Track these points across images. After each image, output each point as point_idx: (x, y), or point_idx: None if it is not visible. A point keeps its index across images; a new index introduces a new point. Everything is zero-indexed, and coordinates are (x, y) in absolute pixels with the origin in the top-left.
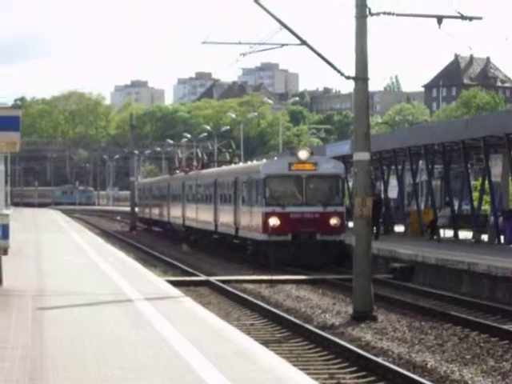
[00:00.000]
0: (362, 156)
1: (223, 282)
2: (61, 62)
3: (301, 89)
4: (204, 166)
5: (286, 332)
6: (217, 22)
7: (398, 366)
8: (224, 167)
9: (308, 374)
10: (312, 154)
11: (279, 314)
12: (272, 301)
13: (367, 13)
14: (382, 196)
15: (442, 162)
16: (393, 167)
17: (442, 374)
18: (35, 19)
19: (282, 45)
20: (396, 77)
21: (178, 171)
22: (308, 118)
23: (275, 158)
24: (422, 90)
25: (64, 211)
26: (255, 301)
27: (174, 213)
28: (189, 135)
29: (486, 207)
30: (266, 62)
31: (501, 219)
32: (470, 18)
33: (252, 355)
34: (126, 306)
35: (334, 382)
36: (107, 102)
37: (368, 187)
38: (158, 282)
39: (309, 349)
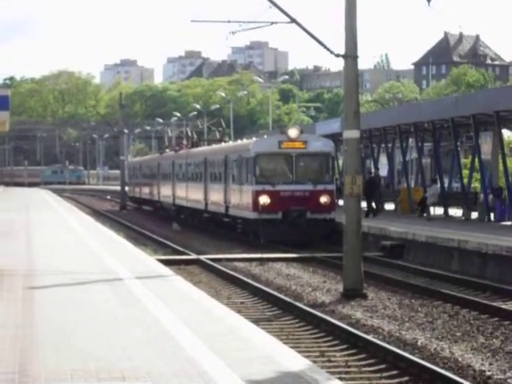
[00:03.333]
0: (352, 134)
1: (213, 260)
2: (50, 41)
3: (290, 67)
4: (194, 145)
5: (277, 310)
6: (206, 1)
7: (389, 343)
8: (214, 146)
9: (298, 351)
10: (302, 132)
11: (269, 292)
12: (262, 279)
13: None
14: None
15: (431, 139)
16: (383, 145)
17: (432, 351)
18: None
19: (272, 23)
20: (386, 55)
21: (167, 150)
22: (298, 97)
23: (265, 137)
24: (412, 67)
25: (54, 190)
26: (245, 279)
27: (164, 192)
28: (178, 114)
29: (476, 185)
30: (255, 40)
31: (491, 197)
32: None
33: (242, 333)
34: (116, 285)
35: (324, 359)
36: (97, 81)
37: (358, 165)
38: (148, 261)
39: (299, 327)
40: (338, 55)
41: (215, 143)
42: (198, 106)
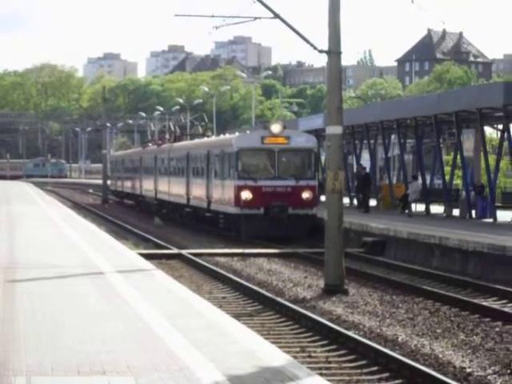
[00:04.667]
0: (335, 130)
1: (195, 255)
2: (33, 34)
3: (274, 62)
4: (176, 139)
5: (258, 305)
6: None
7: (369, 339)
8: (196, 140)
9: (279, 347)
10: (285, 127)
11: (251, 287)
12: (244, 274)
13: None
14: (355, 170)
15: (414, 136)
16: (365, 141)
17: (412, 347)
18: None
19: (255, 18)
20: (369, 51)
21: (150, 144)
22: (281, 92)
23: (248, 132)
24: (395, 64)
25: (36, 184)
26: (227, 274)
27: (147, 186)
28: (161, 108)
29: (458, 182)
30: (238, 35)
31: (472, 194)
32: None
33: (223, 328)
34: (97, 279)
35: (305, 355)
36: (80, 74)
37: (340, 161)
38: (129, 255)
39: (280, 322)
40: (321, 51)
41: (198, 138)
42: (180, 101)
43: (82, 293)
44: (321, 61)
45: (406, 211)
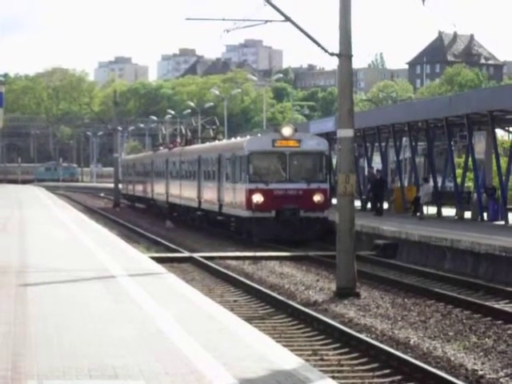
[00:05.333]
0: (346, 133)
1: (206, 258)
2: (45, 38)
3: (285, 65)
4: (188, 143)
5: (270, 308)
6: None
7: (381, 342)
8: (208, 144)
9: (291, 350)
10: (296, 130)
11: (262, 290)
12: (255, 277)
13: None
14: (367, 173)
15: (425, 139)
16: (376, 144)
17: (424, 350)
18: None
19: (266, 21)
20: (380, 54)
21: (161, 148)
22: (292, 95)
23: (259, 135)
24: (406, 67)
25: (47, 188)
26: (238, 277)
27: (158, 189)
28: (172, 112)
29: (470, 184)
30: (249, 38)
31: (484, 196)
32: None
33: (235, 332)
34: (109, 283)
35: (317, 358)
36: (91, 78)
37: (352, 164)
38: (141, 259)
39: (292, 325)
40: (332, 54)
41: (209, 141)
42: (192, 104)
43: (94, 297)
44: (332, 64)
45: (418, 214)
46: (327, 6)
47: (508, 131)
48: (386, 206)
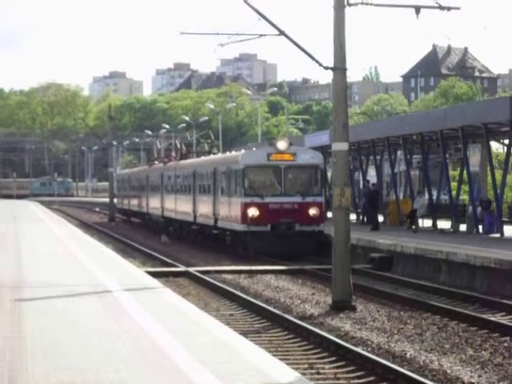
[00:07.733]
0: (341, 146)
1: (202, 272)
2: (39, 53)
3: (279, 79)
4: (183, 157)
5: (266, 322)
6: (195, 13)
7: (378, 355)
8: (203, 158)
9: (287, 364)
10: (291, 144)
11: (258, 304)
12: (251, 291)
13: (345, 3)
14: (361, 186)
15: (420, 151)
16: (371, 157)
17: (421, 363)
18: (13, 11)
19: (261, 35)
20: (375, 67)
21: (156, 162)
22: (287, 109)
23: (254, 149)
24: (401, 80)
25: (43, 203)
26: (234, 291)
27: (153, 204)
28: (167, 126)
29: (465, 197)
30: (244, 52)
31: (479, 209)
32: (448, 8)
33: (231, 346)
34: (104, 298)
35: (313, 371)
36: (85, 93)
37: (347, 177)
38: (136, 273)
39: (288, 339)
40: (326, 68)
41: (204, 155)
42: (186, 118)
43: (90, 311)
44: (326, 77)
45: (413, 227)
46: (321, 19)
47: (503, 144)
48: (381, 219)
